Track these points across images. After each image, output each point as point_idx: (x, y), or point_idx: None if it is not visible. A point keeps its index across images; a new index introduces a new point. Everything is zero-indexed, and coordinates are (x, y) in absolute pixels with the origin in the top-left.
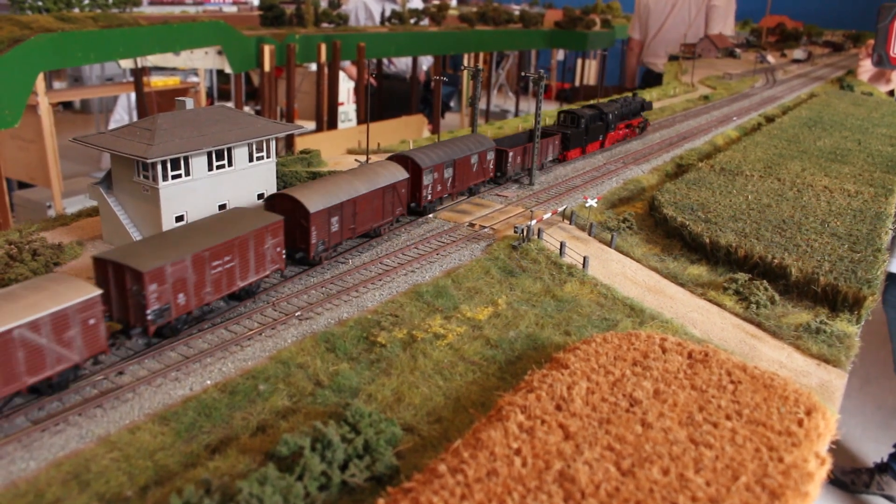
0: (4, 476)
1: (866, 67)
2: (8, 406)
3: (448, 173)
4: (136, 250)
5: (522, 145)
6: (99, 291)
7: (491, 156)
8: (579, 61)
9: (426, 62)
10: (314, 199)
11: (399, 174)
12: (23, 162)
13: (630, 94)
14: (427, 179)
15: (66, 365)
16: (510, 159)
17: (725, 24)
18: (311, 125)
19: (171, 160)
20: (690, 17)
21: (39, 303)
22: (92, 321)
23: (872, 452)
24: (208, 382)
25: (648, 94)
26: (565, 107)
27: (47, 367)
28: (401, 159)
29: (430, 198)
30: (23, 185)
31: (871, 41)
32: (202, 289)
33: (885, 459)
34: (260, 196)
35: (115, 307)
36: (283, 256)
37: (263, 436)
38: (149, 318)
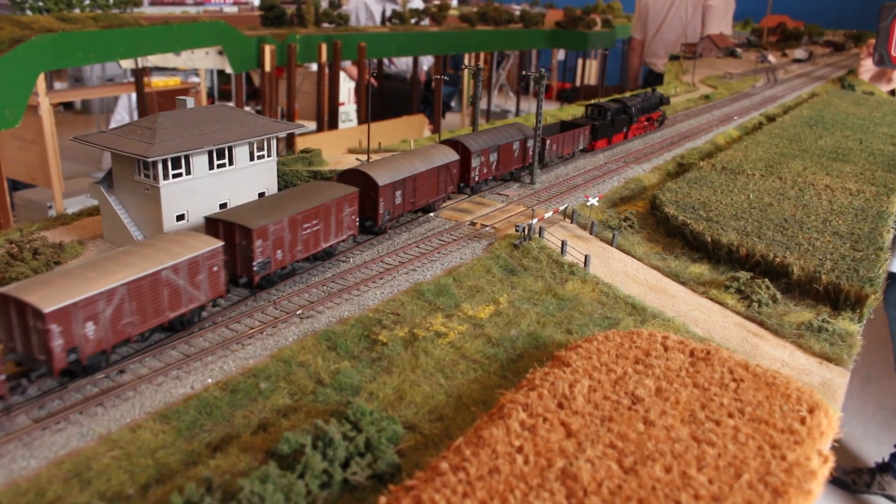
0: (5, 474)
1: (867, 67)
2: (151, 338)
3: (493, 157)
4: (242, 212)
5: (557, 134)
6: (221, 243)
7: (530, 143)
8: (580, 61)
9: (427, 62)
10: (382, 174)
11: (451, 156)
12: (23, 162)
13: (650, 90)
14: (475, 162)
15: (195, 304)
16: (548, 146)
17: (723, 25)
18: (312, 125)
19: (172, 159)
20: (687, 17)
21: (177, 251)
22: (215, 268)
23: (874, 452)
24: (209, 381)
25: None
26: (592, 101)
27: (182, 304)
28: (452, 143)
29: (476, 178)
30: (20, 186)
31: (873, 41)
32: (295, 247)
33: (887, 459)
34: (261, 195)
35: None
36: (357, 223)
37: (265, 434)
38: (255, 268)
